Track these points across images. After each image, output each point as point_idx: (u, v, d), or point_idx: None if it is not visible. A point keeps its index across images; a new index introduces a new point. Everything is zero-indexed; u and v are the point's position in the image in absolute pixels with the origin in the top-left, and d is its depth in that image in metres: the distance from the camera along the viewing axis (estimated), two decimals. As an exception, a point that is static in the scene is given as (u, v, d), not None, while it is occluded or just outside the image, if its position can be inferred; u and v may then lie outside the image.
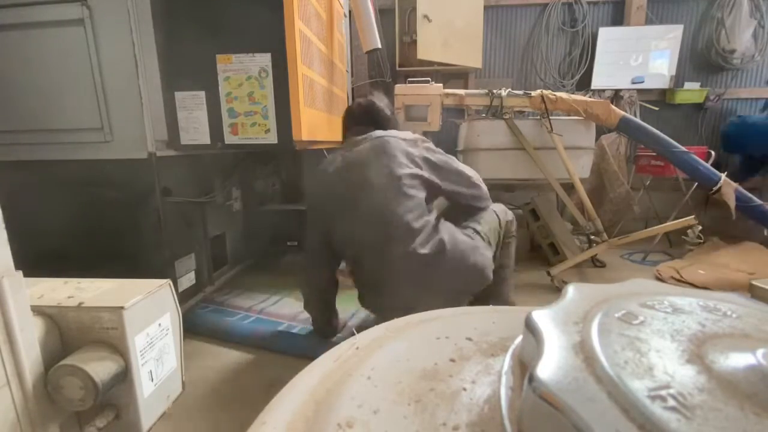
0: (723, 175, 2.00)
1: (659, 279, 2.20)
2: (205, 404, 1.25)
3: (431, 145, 1.40)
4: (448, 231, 1.30)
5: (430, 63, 2.96)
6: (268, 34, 1.42)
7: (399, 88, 2.11)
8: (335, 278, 1.46)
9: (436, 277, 1.23)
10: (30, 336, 0.51)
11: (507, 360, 0.34)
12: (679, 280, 2.15)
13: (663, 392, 0.22)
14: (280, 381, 0.39)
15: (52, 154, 1.52)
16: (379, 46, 2.18)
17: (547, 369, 0.24)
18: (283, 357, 1.51)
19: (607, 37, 3.16)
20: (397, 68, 3.10)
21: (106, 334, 0.58)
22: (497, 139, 2.19)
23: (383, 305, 1.33)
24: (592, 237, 2.30)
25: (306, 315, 1.55)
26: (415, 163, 1.29)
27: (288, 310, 1.79)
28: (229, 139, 1.52)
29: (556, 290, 2.13)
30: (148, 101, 1.47)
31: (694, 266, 2.28)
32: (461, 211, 1.49)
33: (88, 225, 1.55)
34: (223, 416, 1.21)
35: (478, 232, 1.41)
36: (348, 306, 1.68)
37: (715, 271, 2.20)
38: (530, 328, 0.30)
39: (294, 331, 1.61)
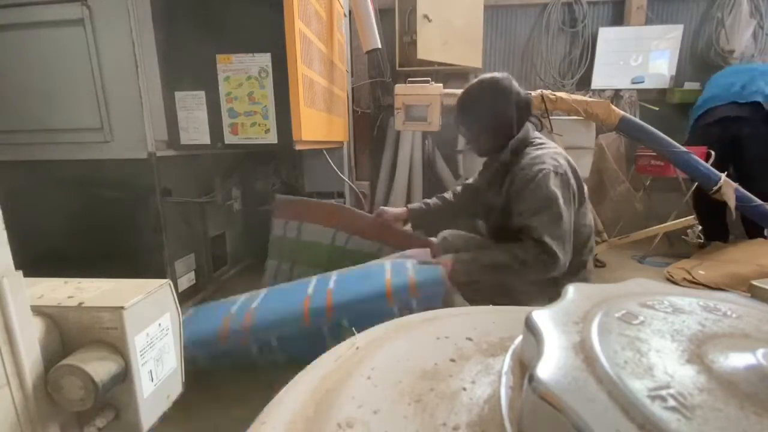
0: (723, 175, 2.00)
1: (671, 281, 2.17)
2: (205, 404, 1.25)
3: None
4: None
5: (430, 63, 2.96)
6: (268, 34, 1.42)
7: (399, 88, 2.11)
8: None
9: None
10: (30, 336, 0.51)
11: (507, 360, 0.34)
12: (692, 282, 2.13)
13: (663, 392, 0.22)
14: (280, 381, 0.39)
15: (52, 154, 1.52)
16: (379, 46, 2.17)
17: (547, 369, 0.24)
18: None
19: (607, 37, 3.16)
20: (397, 68, 3.10)
21: (106, 334, 0.58)
22: (497, 139, 2.19)
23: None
24: (592, 237, 2.30)
25: None
26: None
27: None
28: (229, 139, 1.52)
29: (556, 290, 2.13)
30: (148, 101, 1.47)
31: (704, 265, 2.27)
32: None
33: (88, 225, 1.55)
34: (223, 416, 1.21)
35: None
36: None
37: (727, 268, 2.18)
38: (530, 328, 0.30)
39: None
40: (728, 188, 1.99)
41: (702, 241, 2.65)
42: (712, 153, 2.65)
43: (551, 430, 0.23)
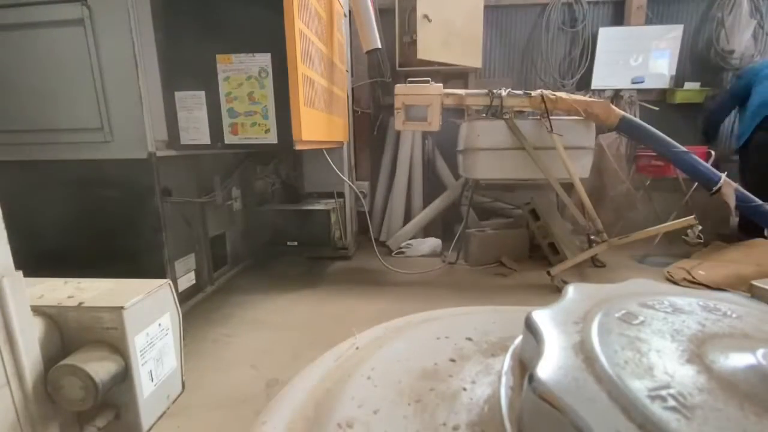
0: (723, 175, 2.00)
1: (671, 281, 2.17)
2: (205, 404, 1.25)
3: None
4: None
5: (430, 63, 2.96)
6: (268, 34, 1.42)
7: (399, 88, 2.10)
8: None
9: None
10: (30, 336, 0.51)
11: (507, 360, 0.34)
12: (691, 281, 2.13)
13: (663, 392, 0.22)
14: (280, 381, 0.39)
15: (52, 154, 1.52)
16: (379, 46, 2.17)
17: (547, 369, 0.24)
18: (283, 357, 1.51)
19: (607, 37, 3.16)
20: (397, 68, 3.10)
21: (106, 334, 0.58)
22: (497, 139, 2.19)
23: None
24: (592, 237, 2.30)
25: None
26: None
27: None
28: (229, 139, 1.52)
29: (556, 290, 2.13)
30: (148, 101, 1.47)
31: (704, 265, 2.27)
32: None
33: (88, 225, 1.55)
34: (223, 416, 1.21)
35: None
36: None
37: (727, 268, 2.17)
38: (530, 328, 0.30)
39: None
40: (728, 188, 1.99)
41: (702, 241, 2.65)
42: (712, 153, 2.65)
43: (551, 430, 0.23)
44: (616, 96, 3.18)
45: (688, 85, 3.17)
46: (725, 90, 2.99)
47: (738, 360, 0.24)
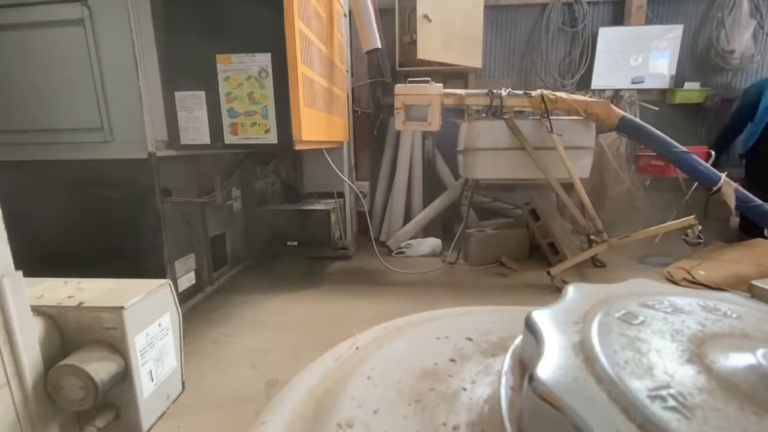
0: (723, 175, 2.00)
1: (671, 281, 2.17)
2: (205, 404, 1.25)
3: None
4: None
5: (430, 63, 2.96)
6: (268, 34, 1.42)
7: (399, 88, 2.10)
8: None
9: None
10: (30, 336, 0.51)
11: (507, 360, 0.34)
12: (691, 281, 2.13)
13: (663, 392, 0.22)
14: (280, 381, 0.39)
15: (52, 154, 1.52)
16: (379, 46, 2.17)
17: (547, 369, 0.24)
18: (283, 357, 1.51)
19: (607, 37, 3.16)
20: (397, 68, 3.10)
21: (106, 334, 0.58)
22: (497, 139, 2.19)
23: None
24: (592, 237, 2.30)
25: None
26: None
27: None
28: (229, 139, 1.52)
29: (556, 290, 2.13)
30: (148, 101, 1.47)
31: (704, 265, 2.27)
32: None
33: (88, 225, 1.55)
34: (223, 416, 1.21)
35: None
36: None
37: (727, 268, 2.18)
38: (530, 328, 0.30)
39: None
40: (728, 188, 1.99)
41: (702, 241, 2.65)
42: (712, 153, 2.65)
43: (551, 430, 0.23)
44: (616, 96, 3.19)
45: (688, 85, 3.17)
46: (738, 101, 2.98)
47: (738, 360, 0.24)
